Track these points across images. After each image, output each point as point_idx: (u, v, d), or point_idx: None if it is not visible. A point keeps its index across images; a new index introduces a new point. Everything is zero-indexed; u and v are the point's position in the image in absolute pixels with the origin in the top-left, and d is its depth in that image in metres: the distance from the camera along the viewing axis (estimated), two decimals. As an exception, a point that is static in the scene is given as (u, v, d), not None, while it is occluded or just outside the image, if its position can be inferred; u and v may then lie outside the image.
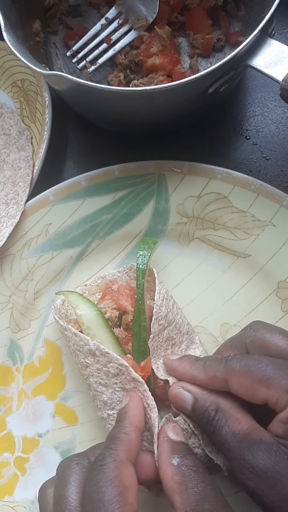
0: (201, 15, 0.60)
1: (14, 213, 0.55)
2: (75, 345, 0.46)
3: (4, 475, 0.52)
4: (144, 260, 0.50)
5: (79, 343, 0.45)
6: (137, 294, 0.48)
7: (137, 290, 0.49)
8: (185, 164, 0.54)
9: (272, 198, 0.53)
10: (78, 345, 0.46)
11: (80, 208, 0.55)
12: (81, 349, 0.45)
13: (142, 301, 0.48)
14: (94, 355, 0.45)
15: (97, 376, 0.45)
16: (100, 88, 0.45)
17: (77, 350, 0.46)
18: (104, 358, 0.44)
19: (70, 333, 0.47)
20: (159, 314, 0.47)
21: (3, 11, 0.49)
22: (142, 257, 0.50)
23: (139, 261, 0.50)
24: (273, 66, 0.46)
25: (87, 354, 0.45)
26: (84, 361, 0.45)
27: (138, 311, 0.48)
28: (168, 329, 0.47)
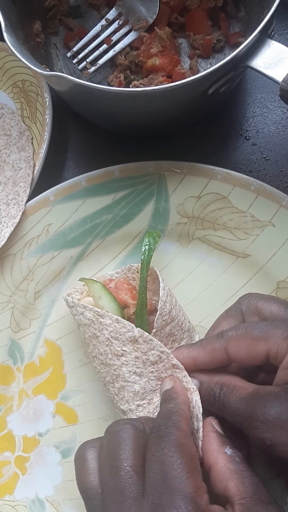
0: (201, 16, 0.60)
1: (14, 213, 0.55)
2: (113, 333, 0.45)
3: (4, 474, 0.52)
4: (149, 253, 0.50)
5: (120, 330, 0.44)
6: (140, 287, 0.48)
7: (141, 283, 0.48)
8: (185, 165, 0.54)
9: (272, 198, 0.53)
10: (118, 333, 0.45)
11: (80, 208, 0.55)
12: (121, 336, 0.44)
13: (145, 294, 0.48)
14: (136, 343, 0.44)
15: (133, 365, 0.44)
16: (100, 89, 0.46)
17: (113, 338, 0.45)
18: (146, 346, 0.44)
19: (109, 320, 0.45)
20: (164, 310, 0.47)
21: (3, 12, 0.49)
22: (146, 250, 0.50)
23: (143, 254, 0.50)
24: (272, 67, 0.47)
25: (127, 342, 0.44)
26: (120, 349, 0.44)
27: (141, 304, 0.48)
28: (171, 325, 0.47)
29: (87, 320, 0.46)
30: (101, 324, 0.45)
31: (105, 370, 0.46)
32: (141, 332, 0.44)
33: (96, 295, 0.48)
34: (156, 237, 0.52)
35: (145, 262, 0.49)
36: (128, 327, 0.44)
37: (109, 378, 0.45)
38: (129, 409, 0.45)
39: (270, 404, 0.37)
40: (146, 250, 0.50)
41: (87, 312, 0.46)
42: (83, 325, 0.47)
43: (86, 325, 0.47)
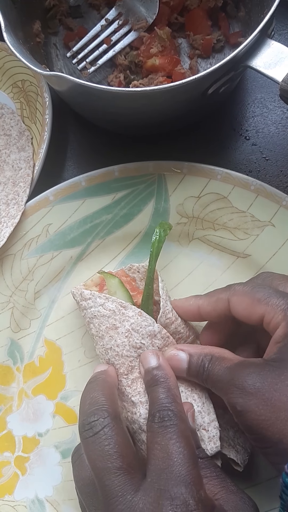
0: (201, 16, 0.60)
1: (14, 213, 0.55)
2: (134, 325, 0.46)
3: (4, 474, 0.52)
4: (158, 244, 0.50)
5: (141, 323, 0.46)
6: (148, 279, 0.49)
7: (148, 274, 0.49)
8: (185, 165, 0.54)
9: (272, 198, 0.53)
10: (139, 325, 0.46)
11: (80, 208, 0.55)
12: (141, 329, 0.46)
13: (152, 286, 0.48)
14: (154, 337, 0.46)
15: None
16: (100, 89, 0.46)
17: (133, 330, 0.46)
18: (163, 342, 0.46)
19: (132, 312, 0.46)
20: (166, 308, 0.47)
21: (3, 12, 0.49)
22: (156, 240, 0.50)
23: (153, 245, 0.50)
24: (272, 67, 0.47)
25: (146, 336, 0.46)
26: (139, 341, 0.45)
27: (147, 295, 0.48)
28: (176, 323, 0.48)
29: (108, 311, 0.46)
30: (123, 315, 0.46)
31: (120, 362, 0.46)
32: (160, 328, 0.46)
33: (111, 289, 0.49)
34: (167, 229, 0.51)
35: (154, 253, 0.49)
36: (149, 321, 0.46)
37: (123, 370, 0.45)
38: (139, 401, 0.44)
39: (249, 372, 0.38)
40: (156, 241, 0.50)
41: (109, 303, 0.47)
42: (101, 317, 0.47)
43: (105, 316, 0.47)
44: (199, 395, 0.45)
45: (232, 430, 0.46)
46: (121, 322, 0.46)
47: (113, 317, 0.46)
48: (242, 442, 0.46)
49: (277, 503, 0.49)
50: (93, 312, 0.48)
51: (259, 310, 0.41)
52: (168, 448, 0.37)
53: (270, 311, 0.40)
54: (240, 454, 0.45)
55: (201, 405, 0.44)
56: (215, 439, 0.43)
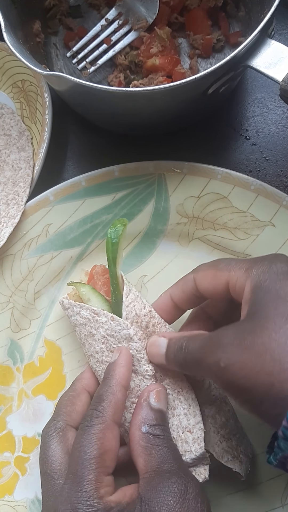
0: (201, 15, 0.60)
1: (14, 213, 0.55)
2: (108, 330, 0.45)
3: (4, 474, 0.52)
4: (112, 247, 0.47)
5: (115, 328, 0.45)
6: (112, 284, 0.47)
7: (112, 281, 0.47)
8: (185, 165, 0.54)
9: (272, 198, 0.53)
10: (113, 330, 0.45)
11: (80, 208, 0.55)
12: (116, 334, 0.45)
13: (118, 291, 0.47)
14: (130, 340, 0.44)
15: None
16: (100, 89, 0.46)
17: (109, 336, 0.45)
18: (141, 344, 0.44)
19: (105, 318, 0.45)
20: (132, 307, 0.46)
21: (3, 11, 0.49)
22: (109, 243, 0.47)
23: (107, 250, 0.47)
24: (272, 67, 0.47)
25: (122, 340, 0.45)
26: (116, 346, 0.45)
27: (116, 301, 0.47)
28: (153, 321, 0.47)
29: (83, 319, 0.46)
30: (97, 322, 0.46)
31: (101, 368, 0.46)
32: (136, 330, 0.44)
33: (85, 298, 0.48)
34: (120, 227, 0.48)
35: (110, 258, 0.47)
36: (122, 325, 0.45)
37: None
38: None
39: (228, 331, 0.37)
40: (109, 244, 0.47)
41: (83, 311, 0.46)
42: (80, 325, 0.47)
43: (82, 324, 0.47)
44: (186, 397, 0.45)
45: (235, 438, 0.46)
46: (96, 329, 0.46)
47: (88, 324, 0.46)
48: (244, 449, 0.46)
49: (278, 503, 0.49)
50: (73, 320, 0.48)
51: (222, 278, 0.41)
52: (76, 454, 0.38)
53: (233, 276, 0.40)
54: (244, 464, 0.45)
55: (187, 407, 0.44)
56: (199, 440, 0.43)
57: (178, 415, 0.44)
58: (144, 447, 0.39)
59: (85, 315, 0.46)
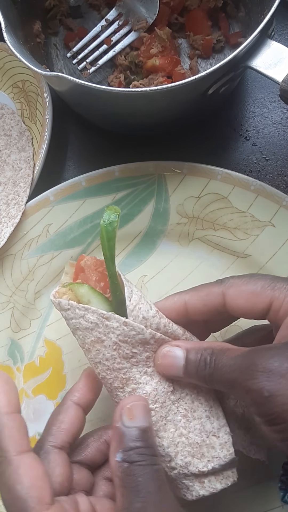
0: (201, 16, 0.60)
1: (14, 213, 0.55)
2: (121, 336, 0.40)
3: (4, 474, 0.52)
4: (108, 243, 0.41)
5: (129, 333, 0.40)
6: (112, 285, 0.42)
7: (110, 280, 0.42)
8: (185, 165, 0.54)
9: (272, 198, 0.53)
10: (127, 335, 0.40)
11: (80, 208, 0.55)
12: (130, 339, 0.40)
13: (119, 291, 0.42)
14: (147, 344, 0.40)
15: (144, 365, 0.41)
16: (100, 89, 0.46)
17: (122, 342, 0.40)
18: (158, 345, 0.41)
19: (116, 323, 0.40)
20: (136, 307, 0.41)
21: (3, 12, 0.49)
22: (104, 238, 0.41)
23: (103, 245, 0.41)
24: (272, 67, 0.47)
25: (137, 344, 0.40)
26: (130, 352, 0.40)
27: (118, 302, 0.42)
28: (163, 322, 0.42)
29: (89, 323, 0.40)
30: (107, 327, 0.40)
31: (112, 376, 0.41)
32: (152, 333, 0.40)
33: (84, 299, 0.42)
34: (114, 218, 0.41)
35: (108, 256, 0.41)
36: (138, 330, 0.40)
37: (117, 383, 0.41)
38: None
39: (271, 354, 0.34)
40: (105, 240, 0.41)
41: (89, 315, 0.40)
42: (84, 329, 0.41)
43: (87, 329, 0.41)
44: (206, 397, 0.41)
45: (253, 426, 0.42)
46: (106, 335, 0.40)
47: (96, 329, 0.40)
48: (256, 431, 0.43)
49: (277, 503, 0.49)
50: (74, 324, 0.42)
51: (264, 298, 0.37)
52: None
53: (279, 296, 0.36)
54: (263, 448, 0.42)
55: (208, 409, 0.41)
56: (228, 446, 0.40)
57: (200, 418, 0.40)
58: (120, 478, 0.35)
59: (92, 319, 0.40)
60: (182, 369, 0.39)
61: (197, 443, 0.40)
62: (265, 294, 0.37)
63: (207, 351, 0.37)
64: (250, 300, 0.38)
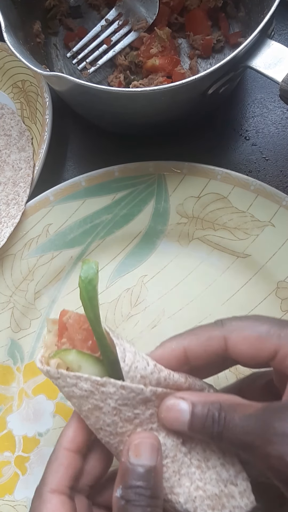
0: (201, 16, 0.60)
1: (14, 213, 0.55)
2: (120, 400, 0.36)
3: (4, 474, 0.52)
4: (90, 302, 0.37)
5: (128, 396, 0.36)
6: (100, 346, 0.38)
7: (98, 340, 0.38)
8: (185, 165, 0.54)
9: (272, 198, 0.53)
10: (126, 398, 0.36)
11: (80, 208, 0.55)
12: (130, 401, 0.37)
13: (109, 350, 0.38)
14: (149, 401, 0.37)
15: (149, 423, 0.38)
16: (100, 89, 0.46)
17: (122, 406, 0.37)
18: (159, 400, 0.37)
19: (113, 388, 0.36)
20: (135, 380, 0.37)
21: (3, 12, 0.49)
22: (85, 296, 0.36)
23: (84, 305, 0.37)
24: (272, 67, 0.47)
25: (138, 405, 0.37)
26: (131, 414, 0.37)
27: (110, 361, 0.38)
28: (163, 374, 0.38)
29: (83, 391, 0.37)
30: (103, 393, 0.37)
31: (116, 440, 0.37)
32: (153, 390, 0.37)
33: (74, 366, 0.38)
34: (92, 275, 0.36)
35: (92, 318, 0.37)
36: (137, 391, 0.36)
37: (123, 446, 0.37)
38: None
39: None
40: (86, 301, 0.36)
41: (82, 383, 0.37)
42: (78, 397, 0.37)
43: (83, 397, 0.37)
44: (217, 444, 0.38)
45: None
46: (103, 401, 0.37)
47: (92, 397, 0.37)
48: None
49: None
50: (67, 392, 0.38)
51: (269, 345, 0.34)
52: None
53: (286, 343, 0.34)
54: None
55: (222, 455, 0.38)
56: (247, 493, 0.37)
57: (214, 466, 0.37)
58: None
59: (86, 387, 0.37)
60: (188, 424, 0.36)
61: (215, 494, 0.37)
62: (270, 340, 0.35)
63: (215, 405, 0.35)
64: (254, 346, 0.35)
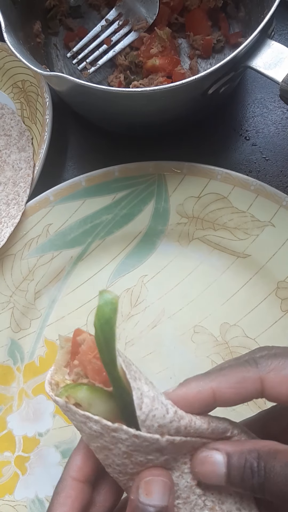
0: (201, 16, 0.60)
1: (14, 213, 0.55)
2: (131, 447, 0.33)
3: (4, 474, 0.52)
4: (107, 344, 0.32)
5: (141, 444, 0.33)
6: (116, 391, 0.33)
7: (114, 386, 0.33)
8: (185, 165, 0.54)
9: (272, 198, 0.53)
10: (139, 446, 0.33)
11: (80, 208, 0.55)
12: (143, 449, 0.33)
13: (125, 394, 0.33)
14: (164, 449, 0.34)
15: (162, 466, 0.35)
16: (100, 89, 0.46)
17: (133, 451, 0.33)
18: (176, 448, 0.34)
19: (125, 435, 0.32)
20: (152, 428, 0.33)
21: (3, 12, 0.49)
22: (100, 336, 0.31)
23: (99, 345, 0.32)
24: (272, 67, 0.47)
25: (152, 452, 0.34)
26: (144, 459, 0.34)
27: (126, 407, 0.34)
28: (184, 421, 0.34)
29: (93, 431, 0.34)
30: (114, 438, 0.33)
31: (126, 478, 0.35)
32: (170, 440, 0.33)
33: (84, 404, 0.35)
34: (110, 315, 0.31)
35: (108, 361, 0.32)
36: (151, 441, 0.33)
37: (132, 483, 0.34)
38: None
39: None
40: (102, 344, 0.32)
41: (92, 424, 0.33)
42: (87, 435, 0.34)
43: (91, 436, 0.34)
44: None
45: None
46: (114, 444, 0.34)
47: (102, 438, 0.34)
48: None
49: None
50: (76, 425, 0.35)
51: None
52: None
53: None
54: None
55: (239, 500, 0.35)
56: None
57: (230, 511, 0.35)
58: None
59: (95, 429, 0.33)
60: (224, 477, 0.33)
61: None
62: None
63: (252, 454, 0.32)
64: None
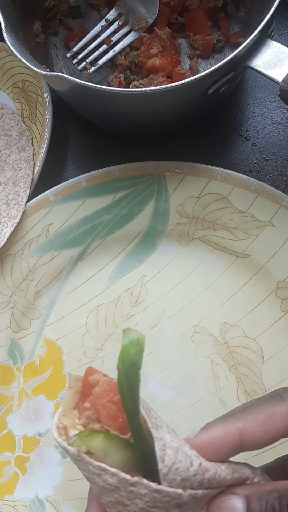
0: (201, 16, 0.60)
1: (14, 213, 0.55)
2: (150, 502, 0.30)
3: (4, 474, 0.52)
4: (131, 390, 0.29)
5: (161, 499, 0.30)
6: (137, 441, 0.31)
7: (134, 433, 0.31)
8: (185, 165, 0.54)
9: (272, 198, 0.53)
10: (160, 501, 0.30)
11: (80, 208, 0.55)
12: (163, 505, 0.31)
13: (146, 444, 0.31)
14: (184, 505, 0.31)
15: None
16: (100, 89, 0.46)
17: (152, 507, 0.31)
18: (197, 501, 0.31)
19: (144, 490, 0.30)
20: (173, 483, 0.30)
21: (3, 12, 0.49)
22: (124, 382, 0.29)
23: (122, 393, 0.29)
24: (272, 67, 0.47)
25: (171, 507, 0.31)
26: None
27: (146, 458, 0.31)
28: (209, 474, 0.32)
29: (107, 484, 0.30)
30: (131, 493, 0.30)
31: None
32: (192, 494, 0.30)
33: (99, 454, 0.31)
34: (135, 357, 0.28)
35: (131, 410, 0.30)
36: (173, 495, 0.30)
37: None
38: None
39: None
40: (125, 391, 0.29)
41: (107, 477, 0.30)
42: (100, 487, 0.31)
43: (105, 489, 0.31)
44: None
45: None
46: (130, 500, 0.30)
47: (117, 492, 0.30)
48: None
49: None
50: (87, 476, 0.32)
51: None
52: None
53: None
54: None
55: None
56: None
57: None
58: None
59: (111, 482, 0.30)
60: None
61: None
62: None
63: (273, 495, 0.30)
64: None
